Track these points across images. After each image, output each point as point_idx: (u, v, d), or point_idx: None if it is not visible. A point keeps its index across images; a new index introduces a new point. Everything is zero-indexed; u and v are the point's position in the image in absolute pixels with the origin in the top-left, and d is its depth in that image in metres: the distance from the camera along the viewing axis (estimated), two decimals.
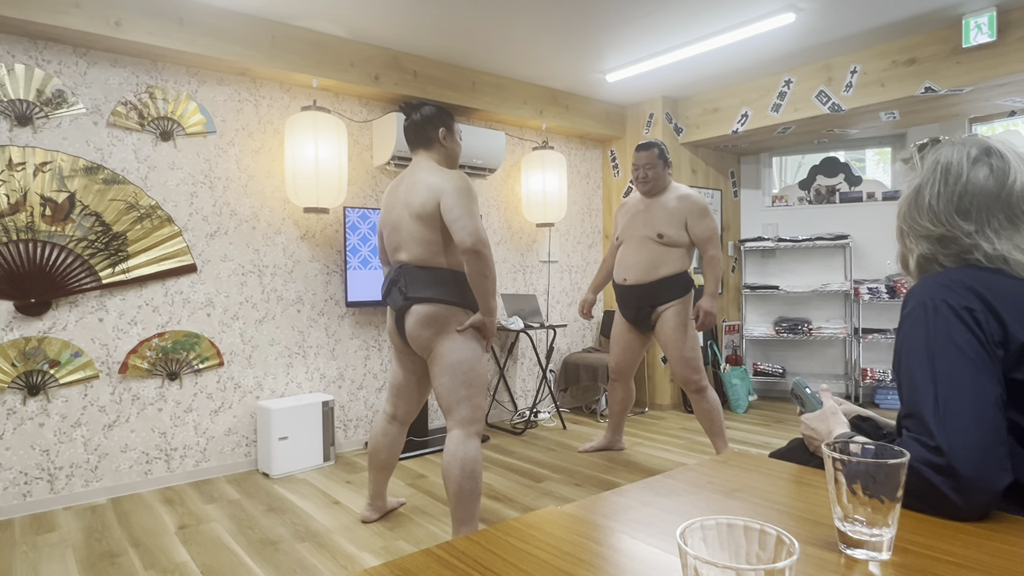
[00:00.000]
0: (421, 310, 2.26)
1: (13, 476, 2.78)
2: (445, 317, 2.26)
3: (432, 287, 2.26)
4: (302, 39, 3.38)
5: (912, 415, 0.88)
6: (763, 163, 5.48)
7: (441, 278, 2.27)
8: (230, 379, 3.36)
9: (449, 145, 2.41)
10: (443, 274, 2.27)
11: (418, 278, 2.27)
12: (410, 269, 2.28)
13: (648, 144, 3.26)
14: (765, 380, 5.32)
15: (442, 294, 2.26)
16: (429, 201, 2.22)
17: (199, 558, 2.32)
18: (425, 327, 2.26)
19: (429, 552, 0.75)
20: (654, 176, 3.25)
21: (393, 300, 2.33)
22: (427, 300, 2.25)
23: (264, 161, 3.48)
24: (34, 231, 2.81)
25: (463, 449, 2.21)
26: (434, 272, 2.27)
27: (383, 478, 2.61)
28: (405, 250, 2.30)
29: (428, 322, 2.25)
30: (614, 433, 3.67)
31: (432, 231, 2.25)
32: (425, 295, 2.25)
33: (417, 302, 2.26)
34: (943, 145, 1.01)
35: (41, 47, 2.84)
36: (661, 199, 3.27)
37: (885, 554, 0.70)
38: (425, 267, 2.27)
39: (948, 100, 3.77)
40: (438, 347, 2.27)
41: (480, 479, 2.22)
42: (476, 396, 2.27)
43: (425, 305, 2.26)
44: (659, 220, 3.23)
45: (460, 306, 2.29)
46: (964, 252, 0.96)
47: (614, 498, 0.93)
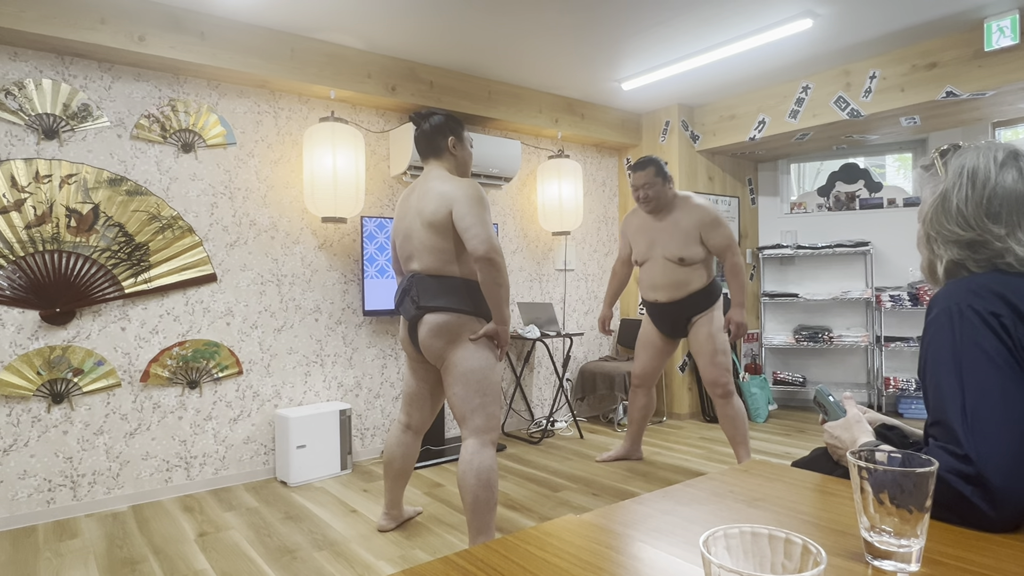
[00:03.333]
0: (434, 319, 2.25)
1: (37, 483, 2.82)
2: (458, 326, 2.24)
3: (444, 296, 2.24)
4: (320, 51, 3.43)
5: (939, 423, 0.86)
6: (781, 170, 5.44)
7: (453, 287, 2.25)
8: (249, 387, 3.39)
9: (459, 154, 2.39)
10: (455, 283, 2.26)
11: (430, 287, 2.26)
12: (422, 278, 2.27)
13: (643, 162, 3.15)
14: (785, 389, 5.25)
15: (454, 303, 2.24)
16: (441, 209, 2.21)
17: (218, 566, 2.33)
18: (438, 336, 2.24)
19: (447, 560, 0.75)
20: (655, 195, 3.14)
21: (406, 310, 2.32)
22: (440, 309, 2.24)
23: (283, 172, 3.53)
24: (59, 242, 2.87)
25: (478, 458, 2.19)
26: (446, 281, 2.26)
27: (399, 487, 2.61)
28: (417, 259, 2.30)
29: (441, 331, 2.24)
30: (633, 442, 3.64)
31: (444, 240, 2.24)
32: (437, 304, 2.24)
33: (430, 311, 2.25)
34: (967, 150, 0.99)
35: (68, 62, 2.91)
36: (671, 217, 3.19)
37: (914, 566, 0.69)
38: (437, 276, 2.26)
39: (970, 104, 3.71)
40: (451, 356, 2.26)
41: (496, 488, 2.21)
42: (490, 405, 2.25)
43: (438, 314, 2.24)
44: (676, 242, 3.16)
45: (473, 315, 2.27)
46: (995, 256, 0.94)
47: (633, 507, 0.92)
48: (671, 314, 3.28)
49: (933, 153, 1.05)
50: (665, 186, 3.15)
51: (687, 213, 3.14)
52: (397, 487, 2.61)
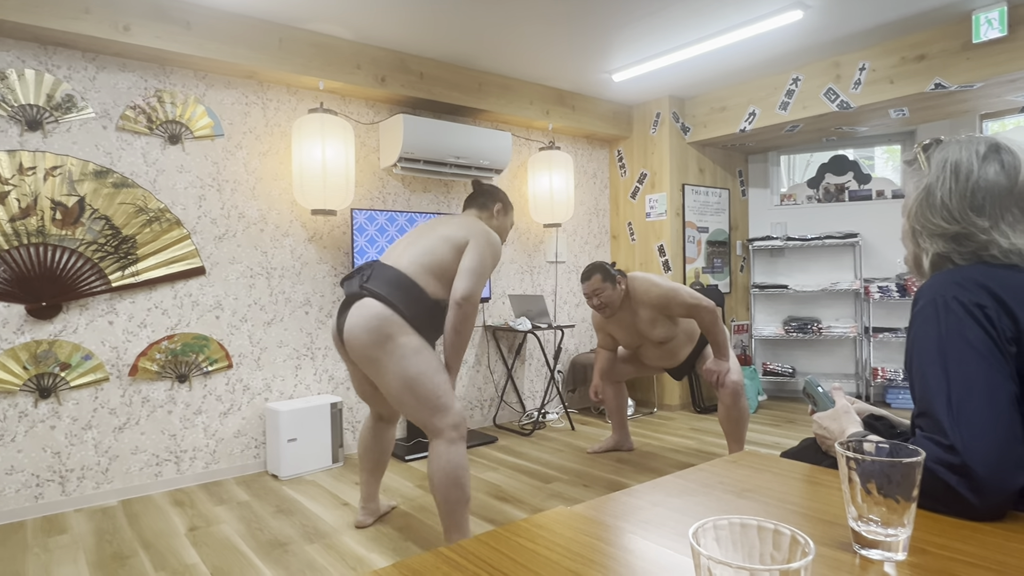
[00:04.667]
0: (371, 305, 2.10)
1: (25, 478, 2.80)
2: (389, 324, 2.08)
3: (395, 291, 2.13)
4: (309, 42, 3.39)
5: (925, 414, 0.87)
6: (771, 162, 5.45)
7: (408, 288, 2.14)
8: (239, 381, 3.37)
9: (500, 219, 2.53)
10: (412, 288, 2.15)
11: (388, 277, 2.15)
12: (385, 267, 2.20)
13: (587, 272, 3.13)
14: (775, 380, 5.29)
15: (399, 300, 2.11)
16: (460, 234, 2.25)
17: (209, 560, 2.33)
18: (366, 329, 2.08)
19: (438, 553, 0.75)
20: (607, 299, 3.11)
21: (349, 284, 2.21)
22: (382, 299, 2.11)
23: (272, 164, 3.50)
24: (45, 235, 2.83)
25: (445, 457, 2.12)
26: (406, 281, 2.15)
27: (375, 479, 2.60)
28: (400, 257, 2.23)
29: (371, 323, 2.08)
30: (620, 432, 3.67)
31: (445, 256, 2.22)
32: (382, 292, 2.12)
33: (372, 295, 2.12)
34: (949, 144, 1.00)
35: (51, 52, 2.86)
36: (631, 309, 3.20)
37: (901, 554, 0.69)
38: (402, 273, 2.17)
39: (958, 96, 3.73)
40: (385, 364, 2.09)
41: (466, 486, 2.14)
42: (445, 403, 2.13)
43: (378, 303, 2.10)
44: (648, 328, 3.18)
45: (409, 323, 2.13)
46: (980, 248, 0.95)
47: (624, 498, 0.92)
48: (677, 371, 3.47)
49: (916, 147, 1.06)
50: (615, 288, 3.11)
51: (643, 304, 3.15)
52: (374, 479, 2.60)
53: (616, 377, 3.58)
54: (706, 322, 3.00)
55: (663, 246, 4.81)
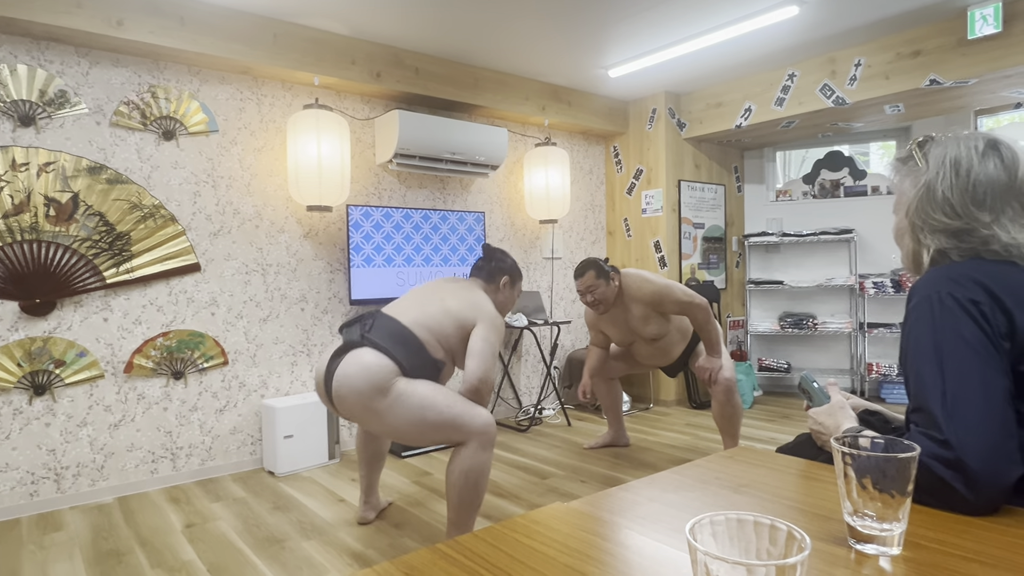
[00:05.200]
0: (367, 354, 2.05)
1: (20, 476, 2.79)
2: (388, 376, 2.04)
3: (396, 344, 2.09)
4: (303, 37, 3.37)
5: (920, 409, 0.88)
6: (767, 157, 5.46)
7: (409, 342, 2.12)
8: (235, 378, 3.37)
9: (506, 293, 2.54)
10: (414, 342, 2.13)
11: (389, 328, 2.12)
12: (387, 317, 2.17)
13: (581, 269, 3.09)
14: (770, 375, 5.31)
15: (399, 353, 2.08)
16: (467, 313, 2.24)
17: (205, 556, 2.33)
18: (363, 378, 2.01)
19: (435, 549, 0.75)
20: (601, 295, 3.08)
21: (349, 332, 2.16)
22: (383, 350, 2.07)
23: (267, 160, 3.48)
24: (38, 231, 2.82)
25: (469, 461, 2.10)
26: (408, 335, 2.13)
27: (374, 474, 2.61)
28: (405, 314, 2.21)
29: (368, 370, 2.02)
30: (616, 428, 3.68)
31: (449, 328, 2.22)
32: (384, 344, 2.07)
33: (372, 345, 2.08)
34: (947, 141, 1.00)
35: (43, 47, 2.84)
36: (624, 306, 3.18)
37: (895, 549, 0.70)
38: (404, 327, 2.15)
39: (953, 92, 3.74)
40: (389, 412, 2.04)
41: (483, 491, 2.14)
42: (463, 417, 2.10)
43: (377, 353, 2.06)
44: (640, 326, 3.16)
45: (407, 375, 2.11)
46: (981, 244, 0.96)
47: (620, 494, 0.92)
48: (670, 369, 3.46)
49: (910, 145, 1.06)
50: (608, 285, 3.09)
51: (634, 301, 3.13)
52: (373, 474, 2.60)
53: (609, 374, 3.58)
54: (699, 319, 3.00)
55: (659, 242, 4.81)
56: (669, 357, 3.32)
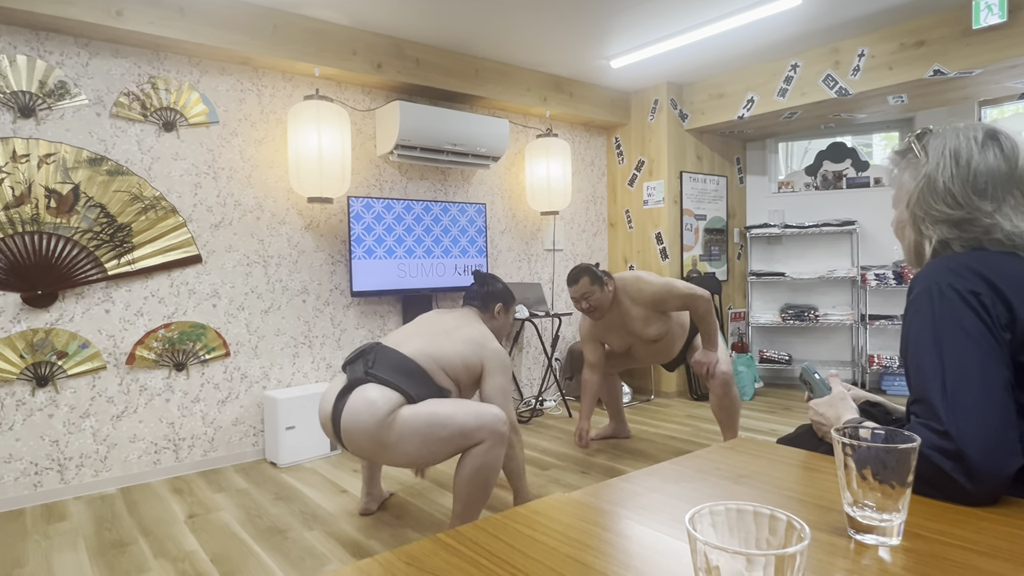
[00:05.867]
0: (373, 390, 2.03)
1: (24, 467, 2.81)
2: (394, 408, 2.03)
3: (400, 376, 2.07)
4: (304, 27, 3.36)
5: (920, 400, 0.88)
6: (769, 149, 5.44)
7: (414, 373, 2.11)
8: (237, 369, 3.37)
9: (501, 320, 2.58)
10: (420, 373, 2.12)
11: (391, 361, 2.10)
12: (388, 350, 2.15)
13: (575, 275, 3.04)
14: (771, 367, 5.31)
15: (405, 384, 2.06)
16: (472, 353, 2.26)
17: (208, 547, 2.34)
18: (371, 414, 1.99)
19: (436, 539, 0.75)
20: (596, 302, 3.04)
21: (353, 370, 2.14)
22: (388, 384, 2.05)
23: (267, 151, 3.48)
24: (39, 223, 2.82)
25: (481, 458, 2.10)
26: (412, 366, 2.12)
27: (376, 465, 2.63)
28: (407, 345, 2.20)
29: (375, 404, 2.00)
30: (617, 421, 3.68)
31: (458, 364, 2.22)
32: (388, 378, 2.05)
33: (378, 381, 2.06)
34: (946, 133, 1.00)
35: (43, 38, 2.83)
36: (621, 310, 3.14)
37: (895, 539, 0.70)
38: (407, 358, 2.13)
39: (957, 83, 3.72)
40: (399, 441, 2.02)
41: (491, 488, 2.13)
42: (471, 424, 2.08)
43: (383, 388, 2.04)
44: (641, 328, 3.12)
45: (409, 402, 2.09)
46: (983, 233, 0.95)
47: (621, 484, 0.93)
48: (671, 364, 3.49)
49: (909, 137, 1.05)
50: (603, 291, 3.05)
51: (634, 304, 3.09)
52: (374, 464, 2.63)
53: (609, 370, 3.57)
54: (700, 311, 2.99)
55: (660, 234, 4.81)
56: (670, 354, 3.31)
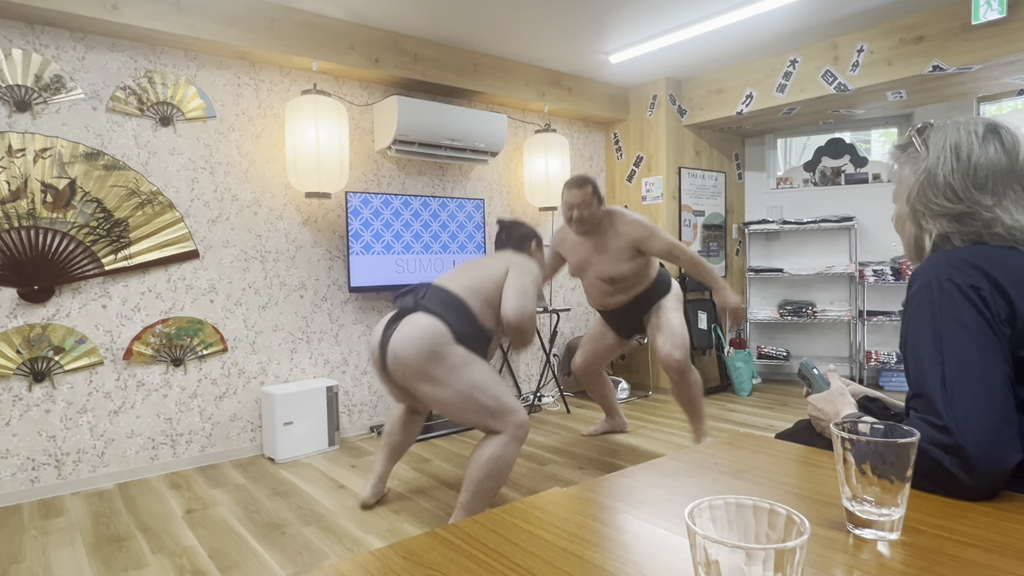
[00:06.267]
0: (422, 318, 2.13)
1: (21, 462, 2.80)
2: (441, 338, 2.12)
3: (447, 310, 2.19)
4: (301, 22, 3.34)
5: (919, 395, 0.87)
6: (768, 145, 5.43)
7: (459, 309, 2.21)
8: (234, 365, 3.37)
9: (537, 256, 2.69)
10: (464, 309, 2.22)
11: (440, 297, 2.23)
12: (438, 288, 2.28)
13: (581, 181, 2.93)
14: (769, 363, 5.32)
15: (451, 320, 2.16)
16: (501, 268, 2.36)
17: (206, 542, 2.34)
18: (418, 338, 2.09)
19: (434, 534, 0.75)
20: (588, 216, 2.94)
21: (403, 300, 2.29)
22: (437, 315, 2.16)
23: (265, 146, 3.46)
24: (35, 218, 2.80)
25: (499, 451, 2.15)
26: (458, 302, 2.22)
27: (392, 463, 2.66)
28: (452, 283, 2.30)
29: (423, 332, 2.10)
30: (612, 415, 3.68)
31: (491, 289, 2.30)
32: (436, 310, 2.17)
33: (425, 311, 2.17)
34: (946, 127, 1.00)
35: (38, 31, 2.81)
36: (601, 238, 3.02)
37: (894, 534, 0.70)
38: (454, 294, 2.24)
39: (956, 79, 3.72)
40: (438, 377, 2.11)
41: (502, 483, 2.18)
42: (506, 403, 2.18)
43: (432, 318, 2.14)
44: (606, 264, 3.02)
45: (458, 342, 2.17)
46: (983, 227, 0.95)
47: (619, 479, 0.92)
48: (624, 317, 3.21)
49: (909, 131, 1.05)
50: (599, 208, 2.97)
51: (617, 234, 2.97)
52: (391, 462, 2.65)
53: (593, 368, 3.46)
54: (687, 259, 2.88)
55: None
56: (626, 295, 3.10)
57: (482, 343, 2.27)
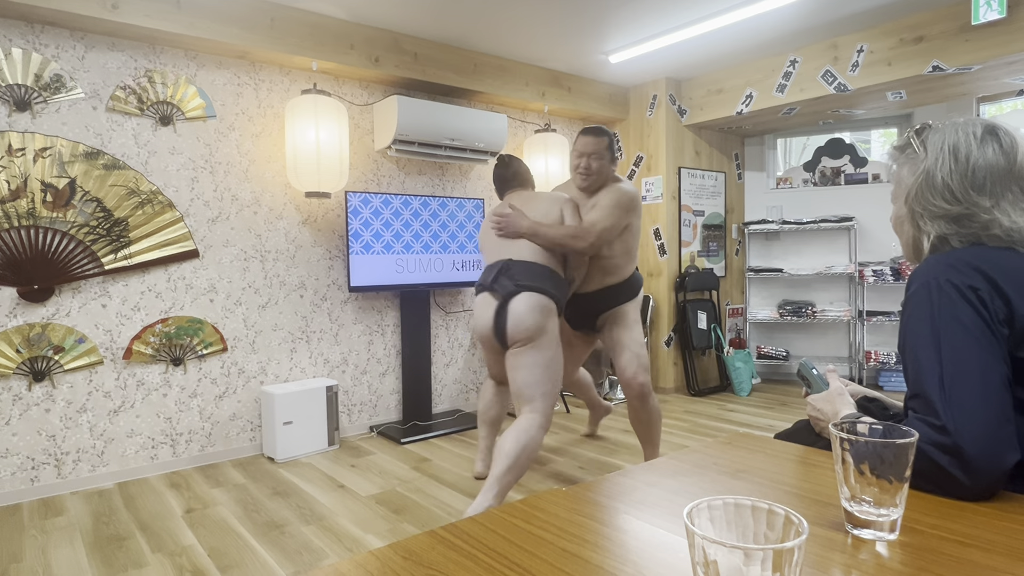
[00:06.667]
0: (533, 297, 2.47)
1: (21, 461, 2.80)
2: (549, 309, 2.49)
3: (540, 280, 2.50)
4: (301, 21, 3.34)
5: (918, 395, 0.88)
6: (767, 145, 5.43)
7: (545, 274, 2.52)
8: (234, 364, 3.37)
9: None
10: (546, 271, 2.53)
11: (529, 271, 2.52)
12: (519, 263, 2.54)
13: (598, 129, 2.69)
14: (769, 363, 5.32)
15: (548, 287, 2.50)
16: (552, 211, 2.62)
17: (206, 541, 2.34)
18: (533, 311, 2.44)
19: (434, 534, 0.75)
20: (598, 169, 2.67)
21: (502, 286, 2.52)
22: (537, 290, 2.48)
23: (265, 145, 3.46)
24: (35, 217, 2.80)
25: (533, 432, 2.37)
26: (538, 268, 2.52)
27: (494, 433, 2.99)
28: (513, 249, 2.58)
29: (535, 309, 2.45)
30: (595, 408, 3.59)
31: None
32: (535, 285, 2.49)
33: (528, 290, 2.48)
34: (944, 128, 1.00)
35: (38, 31, 2.81)
36: (594, 199, 2.73)
37: (892, 534, 0.70)
38: (531, 263, 2.53)
39: (956, 79, 3.72)
40: (538, 340, 2.45)
41: (530, 462, 2.37)
42: (556, 394, 2.49)
43: (535, 294, 2.48)
44: None
45: (557, 302, 2.53)
46: (982, 229, 0.95)
47: (619, 479, 0.93)
48: (582, 306, 2.91)
49: (908, 133, 1.05)
50: (611, 165, 2.72)
51: (606, 193, 2.69)
52: (492, 435, 2.97)
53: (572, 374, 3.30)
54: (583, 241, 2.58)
55: (659, 229, 4.80)
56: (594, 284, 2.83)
57: (568, 291, 2.65)
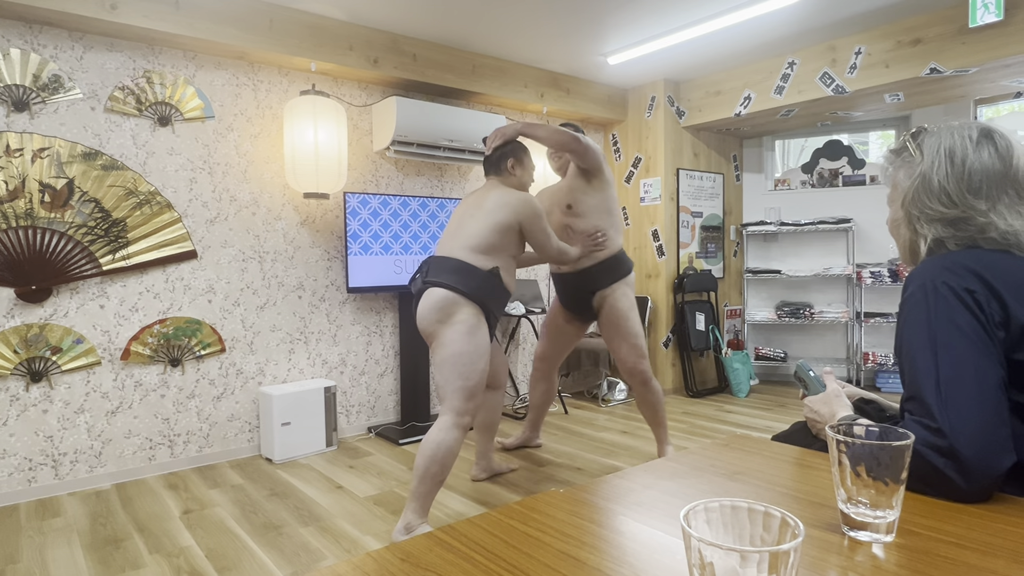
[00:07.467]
0: (433, 293, 2.35)
1: (18, 462, 2.80)
2: (451, 303, 2.32)
3: (449, 275, 2.35)
4: (300, 22, 3.34)
5: (914, 398, 0.88)
6: (766, 146, 5.44)
7: (461, 269, 2.35)
8: (232, 365, 3.37)
9: (518, 173, 2.62)
10: (459, 265, 2.36)
11: (442, 266, 2.39)
12: (439, 259, 2.42)
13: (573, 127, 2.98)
14: (767, 364, 5.33)
15: (454, 282, 2.33)
16: (506, 218, 2.42)
17: (203, 542, 2.34)
18: (432, 310, 2.32)
19: (431, 536, 0.75)
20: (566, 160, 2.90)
21: (415, 283, 2.48)
22: (440, 284, 2.34)
23: (263, 146, 3.46)
24: (33, 218, 2.80)
25: (443, 435, 2.26)
26: (451, 263, 2.38)
27: (487, 439, 2.91)
28: (452, 248, 2.43)
29: (434, 305, 2.32)
30: (532, 429, 3.42)
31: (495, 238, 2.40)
32: (439, 279, 2.35)
33: (433, 285, 2.38)
34: (940, 131, 1.00)
35: (36, 31, 2.81)
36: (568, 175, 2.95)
37: (888, 536, 0.70)
38: (452, 259, 2.39)
39: (953, 81, 3.73)
40: (441, 335, 2.32)
41: (448, 468, 2.26)
42: (470, 390, 2.31)
43: (437, 289, 2.35)
44: (563, 191, 2.91)
45: (466, 296, 2.32)
46: (978, 232, 0.96)
47: (616, 481, 0.93)
48: (574, 285, 2.96)
49: (904, 136, 1.06)
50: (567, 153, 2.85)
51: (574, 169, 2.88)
52: (487, 440, 2.91)
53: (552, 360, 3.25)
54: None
55: (657, 231, 4.81)
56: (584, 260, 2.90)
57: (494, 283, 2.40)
